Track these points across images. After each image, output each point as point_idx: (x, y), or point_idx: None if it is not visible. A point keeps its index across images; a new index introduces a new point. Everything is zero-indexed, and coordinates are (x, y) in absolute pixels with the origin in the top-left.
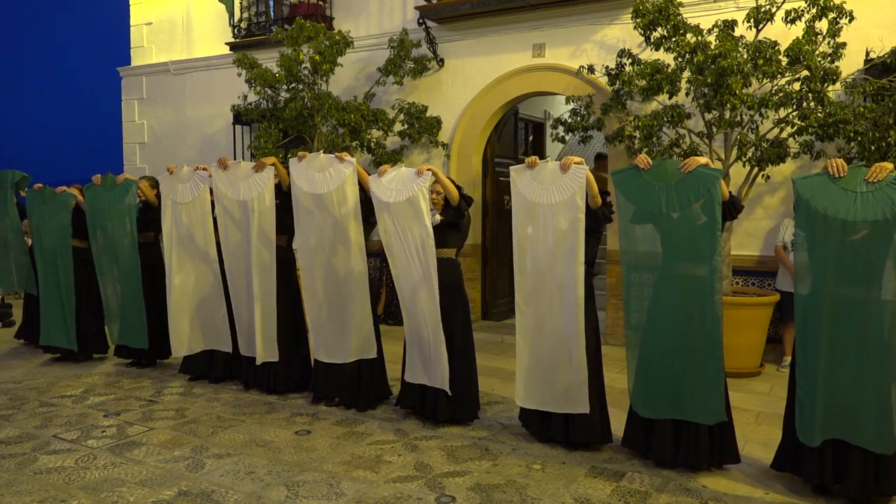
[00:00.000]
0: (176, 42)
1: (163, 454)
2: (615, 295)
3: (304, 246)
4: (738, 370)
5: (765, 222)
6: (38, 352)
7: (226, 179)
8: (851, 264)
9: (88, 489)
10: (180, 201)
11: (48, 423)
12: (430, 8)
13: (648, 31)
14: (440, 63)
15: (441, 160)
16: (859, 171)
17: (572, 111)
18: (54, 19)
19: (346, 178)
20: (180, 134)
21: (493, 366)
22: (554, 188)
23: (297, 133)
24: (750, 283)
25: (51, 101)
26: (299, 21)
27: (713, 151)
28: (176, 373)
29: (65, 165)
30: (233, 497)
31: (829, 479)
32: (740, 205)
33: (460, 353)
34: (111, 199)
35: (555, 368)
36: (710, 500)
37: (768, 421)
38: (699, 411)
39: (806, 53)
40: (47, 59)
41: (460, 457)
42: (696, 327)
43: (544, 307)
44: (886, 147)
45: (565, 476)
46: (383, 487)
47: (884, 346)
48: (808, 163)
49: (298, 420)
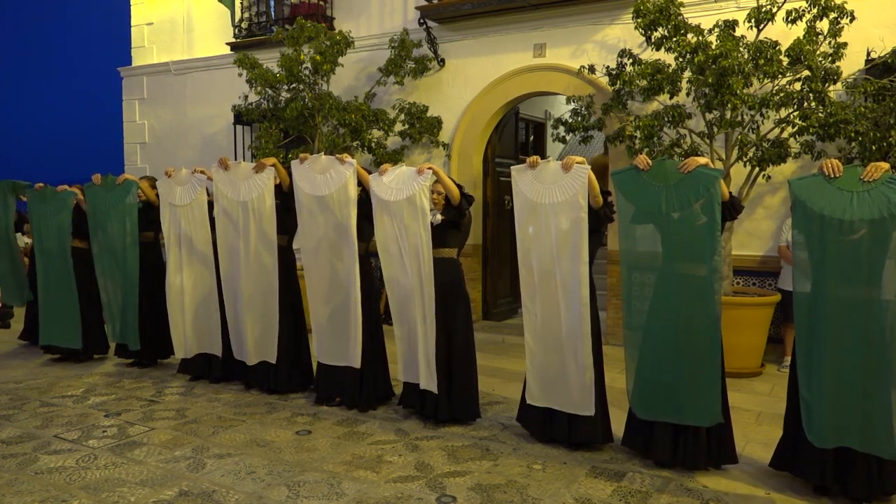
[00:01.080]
0: (177, 42)
1: (164, 454)
2: (615, 295)
3: (307, 247)
4: (739, 370)
5: (766, 222)
6: (39, 352)
7: (226, 180)
8: (850, 264)
9: (89, 489)
10: (178, 204)
11: (49, 423)
12: (431, 8)
13: (649, 31)
14: (441, 63)
15: (442, 160)
16: (855, 170)
17: (573, 111)
18: (55, 20)
19: (347, 180)
20: (181, 134)
21: (494, 366)
22: (556, 188)
23: (297, 133)
24: (751, 283)
25: (51, 101)
26: (300, 21)
27: (714, 151)
28: (176, 373)
29: (65, 165)
30: (234, 497)
31: (829, 479)
32: (740, 205)
33: (461, 353)
34: (112, 200)
35: (562, 368)
36: (711, 501)
37: (769, 421)
38: (696, 414)
39: (807, 53)
40: (48, 60)
41: (461, 457)
42: (696, 328)
43: (550, 307)
44: (887, 147)
45: (566, 476)
46: (384, 487)
47: (885, 348)
48: (808, 163)
49: (299, 420)
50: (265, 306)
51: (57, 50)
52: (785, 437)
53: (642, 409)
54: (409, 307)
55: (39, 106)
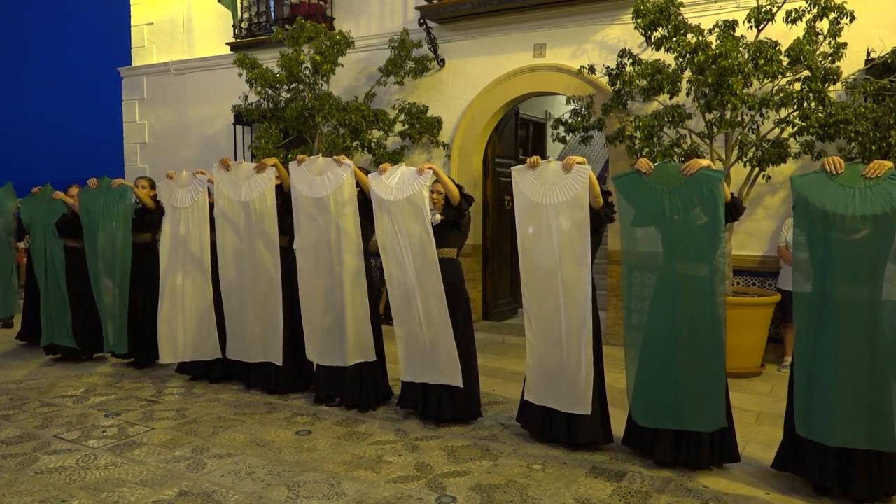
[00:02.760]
0: (177, 42)
1: (163, 454)
2: (615, 295)
3: (304, 247)
4: (739, 370)
5: (766, 223)
6: (39, 352)
7: (227, 180)
8: (853, 263)
9: (89, 489)
10: (179, 206)
11: (49, 424)
12: (431, 8)
13: (649, 31)
14: (441, 63)
15: (442, 160)
16: (857, 167)
17: (573, 111)
18: (55, 20)
19: (345, 181)
20: (181, 134)
21: (494, 366)
22: (557, 188)
23: (297, 133)
24: (751, 283)
25: (52, 101)
26: (300, 21)
27: (714, 151)
28: (175, 373)
29: (65, 165)
30: (233, 497)
31: (830, 480)
32: (742, 206)
33: (462, 353)
34: (106, 203)
35: (561, 367)
36: (711, 501)
37: (769, 421)
38: (698, 418)
39: (807, 53)
40: (48, 60)
41: (461, 457)
42: (697, 328)
43: (550, 307)
44: (887, 147)
45: (566, 476)
46: (384, 487)
47: (888, 347)
48: (808, 163)
49: (299, 420)
50: (268, 307)
51: (57, 50)
52: (786, 437)
53: (642, 415)
54: (409, 307)
55: (39, 106)
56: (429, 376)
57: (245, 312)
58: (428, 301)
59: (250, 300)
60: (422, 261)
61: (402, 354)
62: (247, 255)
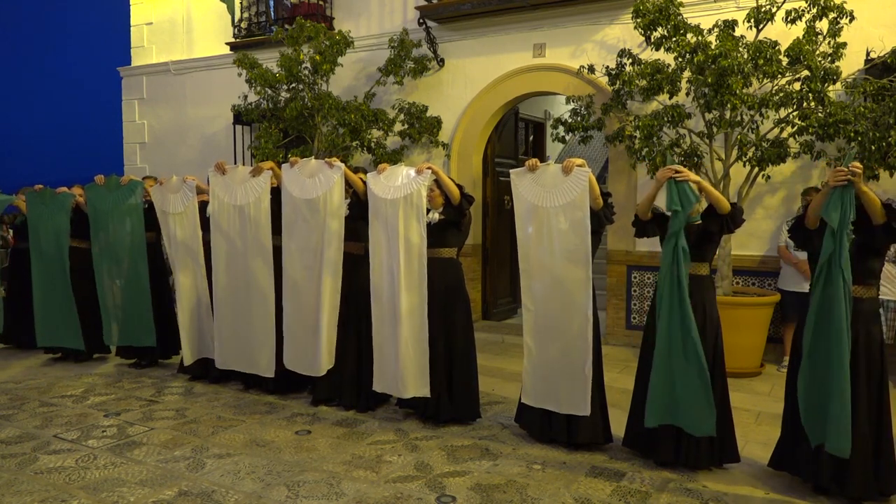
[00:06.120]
0: (176, 42)
1: (163, 454)
2: (615, 295)
3: (291, 249)
4: (739, 370)
5: (765, 223)
6: (39, 352)
7: (223, 183)
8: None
9: (89, 489)
10: (171, 212)
11: (48, 423)
12: (431, 8)
13: (649, 31)
14: (440, 63)
15: (441, 160)
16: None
17: (573, 111)
18: (55, 19)
19: (335, 183)
20: (181, 134)
21: (494, 366)
22: (557, 191)
23: (297, 133)
24: (750, 283)
25: (51, 101)
26: (300, 21)
27: (713, 151)
28: (176, 373)
29: (65, 165)
30: (233, 497)
31: (826, 480)
32: (741, 218)
33: (461, 353)
34: (115, 200)
35: (560, 369)
36: (711, 501)
37: (768, 421)
38: (692, 422)
39: (806, 53)
40: (47, 59)
41: (460, 457)
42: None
43: (551, 308)
44: (887, 147)
45: (565, 476)
46: (384, 487)
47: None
48: (808, 163)
49: (299, 420)
50: (262, 310)
51: (57, 50)
52: (783, 437)
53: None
54: (389, 314)
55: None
56: (394, 388)
57: (237, 321)
58: (413, 304)
59: (242, 310)
60: (412, 260)
61: (375, 362)
62: (240, 263)
